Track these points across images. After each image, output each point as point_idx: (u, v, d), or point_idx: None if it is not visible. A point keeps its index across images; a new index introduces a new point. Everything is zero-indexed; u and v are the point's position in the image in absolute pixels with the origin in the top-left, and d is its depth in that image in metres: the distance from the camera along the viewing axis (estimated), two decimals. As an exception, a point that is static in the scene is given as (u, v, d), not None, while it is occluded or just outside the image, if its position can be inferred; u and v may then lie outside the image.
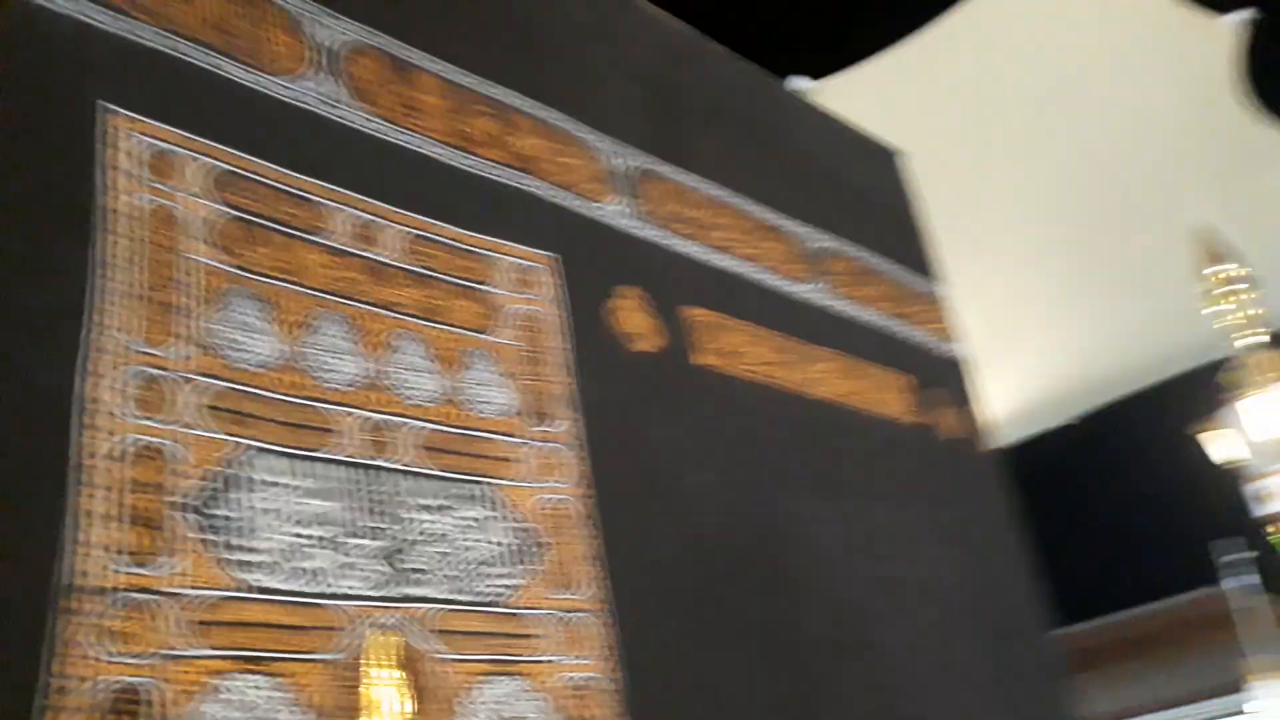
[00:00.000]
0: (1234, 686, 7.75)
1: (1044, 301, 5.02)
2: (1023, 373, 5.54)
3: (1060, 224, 5.02)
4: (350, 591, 1.40)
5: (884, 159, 3.49)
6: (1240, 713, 7.64)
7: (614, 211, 2.19)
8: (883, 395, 3.29)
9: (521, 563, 1.62)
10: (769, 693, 2.22)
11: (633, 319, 2.07)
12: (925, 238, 3.48)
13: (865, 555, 2.86)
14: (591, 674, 1.67)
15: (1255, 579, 9.00)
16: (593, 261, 2.04)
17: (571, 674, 1.65)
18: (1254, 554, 8.93)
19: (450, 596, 1.51)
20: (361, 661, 1.39)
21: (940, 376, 3.76)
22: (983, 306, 4.24)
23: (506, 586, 1.59)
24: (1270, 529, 4.47)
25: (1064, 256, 5.09)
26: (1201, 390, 4.96)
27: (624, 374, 2.01)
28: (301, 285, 1.52)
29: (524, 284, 1.84)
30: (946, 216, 3.48)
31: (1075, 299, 5.19)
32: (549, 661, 1.62)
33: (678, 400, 2.29)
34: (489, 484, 1.62)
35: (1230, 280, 4.60)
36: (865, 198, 3.31)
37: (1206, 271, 4.63)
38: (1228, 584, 9.34)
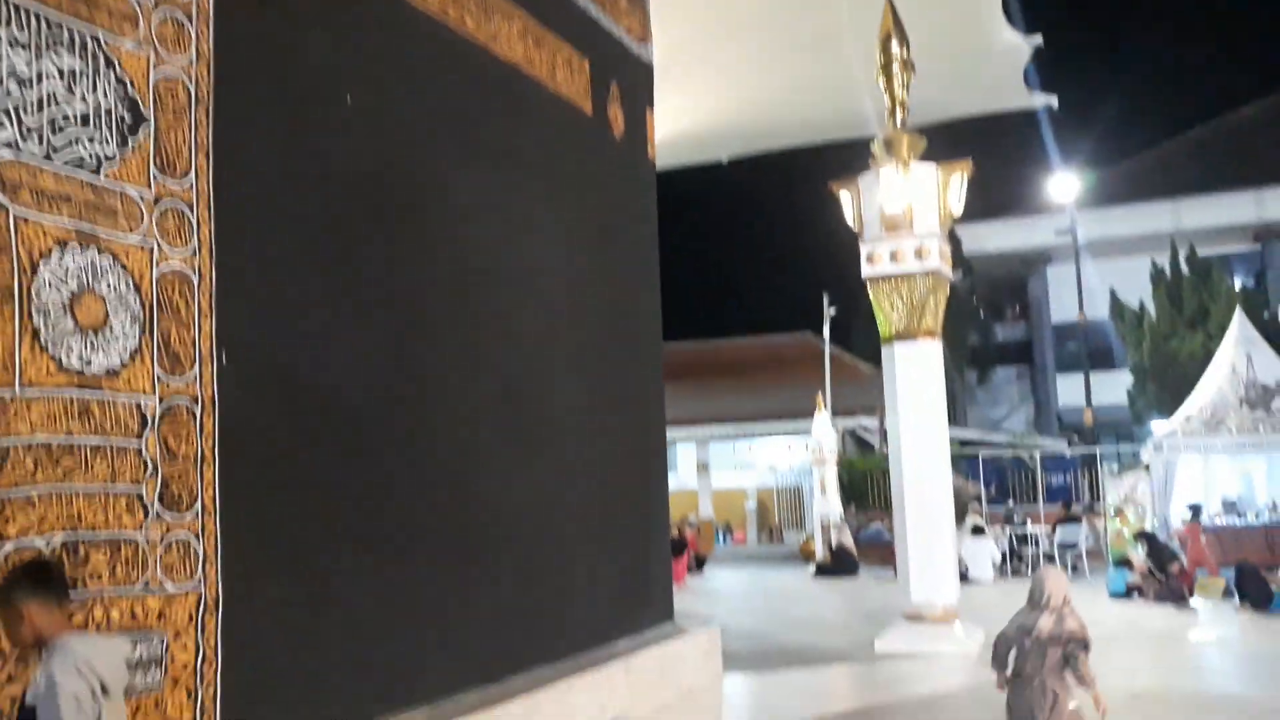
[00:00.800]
0: (808, 413, 9.17)
1: (737, 34, 5.11)
2: (697, 100, 5.68)
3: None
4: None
5: None
6: (808, 433, 9.12)
7: None
8: (559, 71, 3.27)
9: (120, 135, 1.53)
10: (372, 328, 2.26)
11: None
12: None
13: (509, 230, 2.94)
14: (182, 266, 1.65)
15: (827, 330, 10.59)
16: None
17: (162, 263, 1.62)
18: (833, 310, 10.49)
19: (27, 146, 1.41)
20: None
21: (621, 72, 3.80)
22: (677, 21, 4.28)
23: (99, 154, 1.50)
24: (870, 289, 5.02)
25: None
26: (855, 158, 5.37)
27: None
28: None
29: None
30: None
31: (767, 41, 5.34)
32: (139, 244, 1.58)
33: (343, 12, 2.16)
34: (95, 36, 1.49)
35: (896, 60, 4.90)
36: None
37: (881, 46, 4.88)
38: (825, 331, 10.81)
